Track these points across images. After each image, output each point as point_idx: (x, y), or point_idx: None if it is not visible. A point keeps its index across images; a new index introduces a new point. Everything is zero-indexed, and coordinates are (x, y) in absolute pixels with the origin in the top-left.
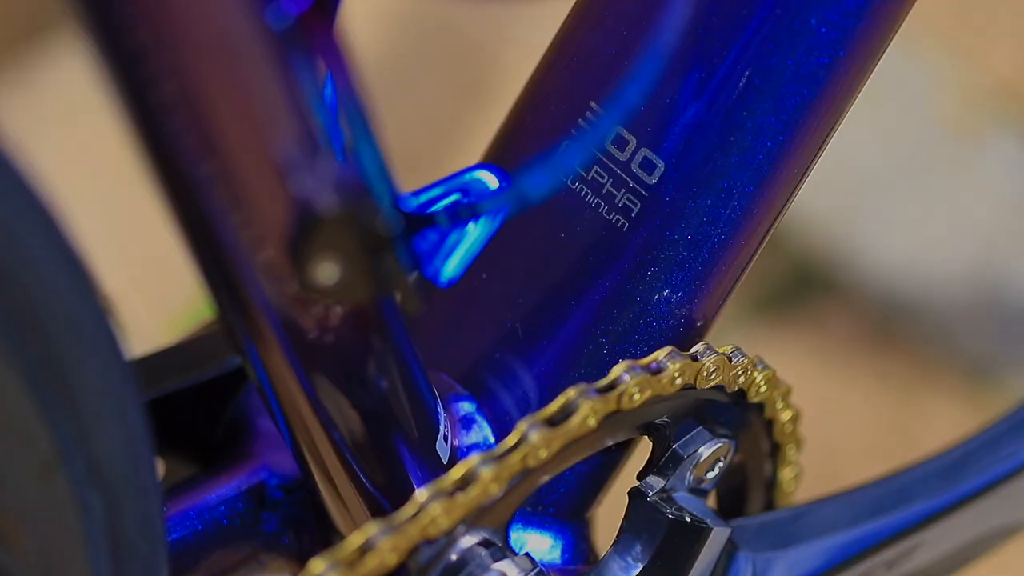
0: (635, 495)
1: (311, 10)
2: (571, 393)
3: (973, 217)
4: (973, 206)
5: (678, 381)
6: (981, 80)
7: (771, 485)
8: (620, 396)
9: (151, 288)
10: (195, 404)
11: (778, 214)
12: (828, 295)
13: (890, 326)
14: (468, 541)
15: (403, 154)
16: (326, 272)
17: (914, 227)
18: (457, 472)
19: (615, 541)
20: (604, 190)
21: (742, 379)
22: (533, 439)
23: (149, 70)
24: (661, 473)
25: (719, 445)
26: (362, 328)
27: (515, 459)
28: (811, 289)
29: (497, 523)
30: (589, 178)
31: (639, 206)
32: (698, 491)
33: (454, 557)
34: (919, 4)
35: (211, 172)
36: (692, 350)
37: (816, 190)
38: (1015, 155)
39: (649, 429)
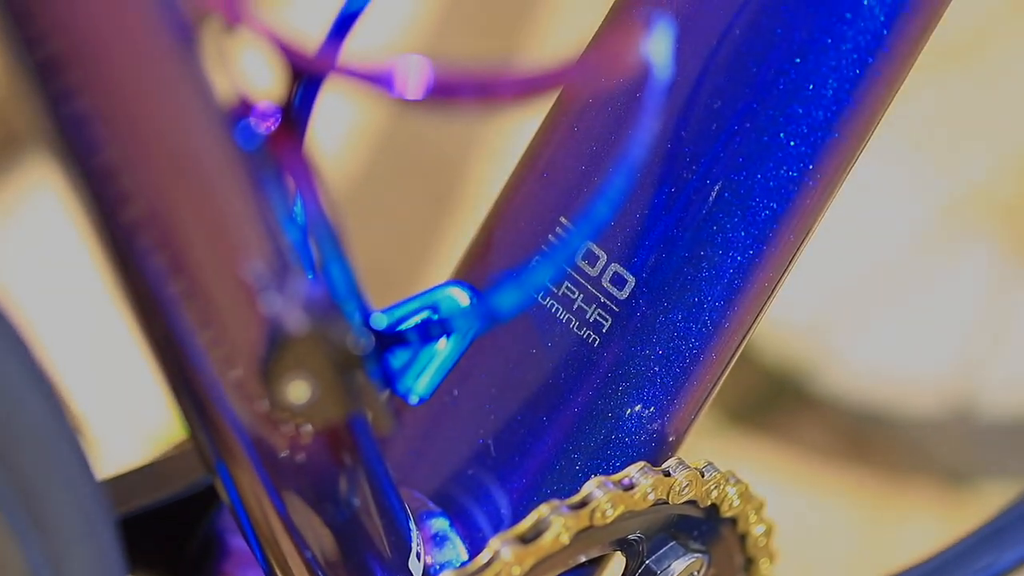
0: None
1: (280, 129)
2: (543, 510)
3: (946, 326)
4: (946, 315)
5: (650, 497)
6: (954, 189)
7: None
8: (592, 512)
9: (122, 407)
10: (167, 523)
11: (750, 327)
12: (801, 406)
13: (864, 436)
14: None
15: (374, 270)
16: (297, 391)
17: (887, 337)
18: None
19: None
20: (575, 305)
21: (715, 494)
22: (505, 556)
23: (118, 189)
24: None
25: (692, 560)
26: (333, 447)
27: None
28: (784, 400)
29: None
30: (560, 293)
31: (610, 321)
32: None
33: None
34: (891, 111)
35: (180, 291)
36: (664, 465)
37: (788, 300)
38: (988, 264)
39: (622, 544)
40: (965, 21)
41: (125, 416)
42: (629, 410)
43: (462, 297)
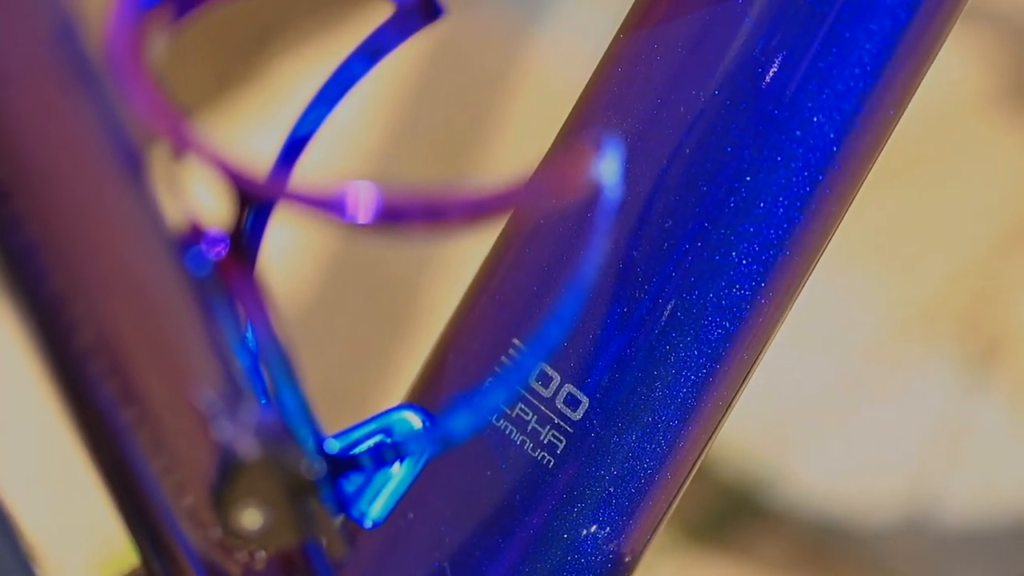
0: None
1: (230, 255)
2: None
3: (905, 438)
4: (904, 427)
5: None
6: (910, 300)
7: None
8: None
9: (75, 533)
10: None
11: (705, 445)
12: (760, 521)
13: (824, 550)
14: None
15: (326, 393)
16: (250, 518)
17: (844, 450)
18: None
19: None
20: (529, 427)
21: None
22: None
23: (67, 317)
24: None
25: None
26: (288, 573)
27: None
28: (742, 515)
29: None
30: (514, 415)
31: (564, 443)
32: None
33: None
34: (844, 224)
35: (131, 419)
36: None
37: (744, 416)
38: (943, 375)
39: None
40: (918, 131)
41: (78, 542)
42: (585, 531)
43: (415, 420)
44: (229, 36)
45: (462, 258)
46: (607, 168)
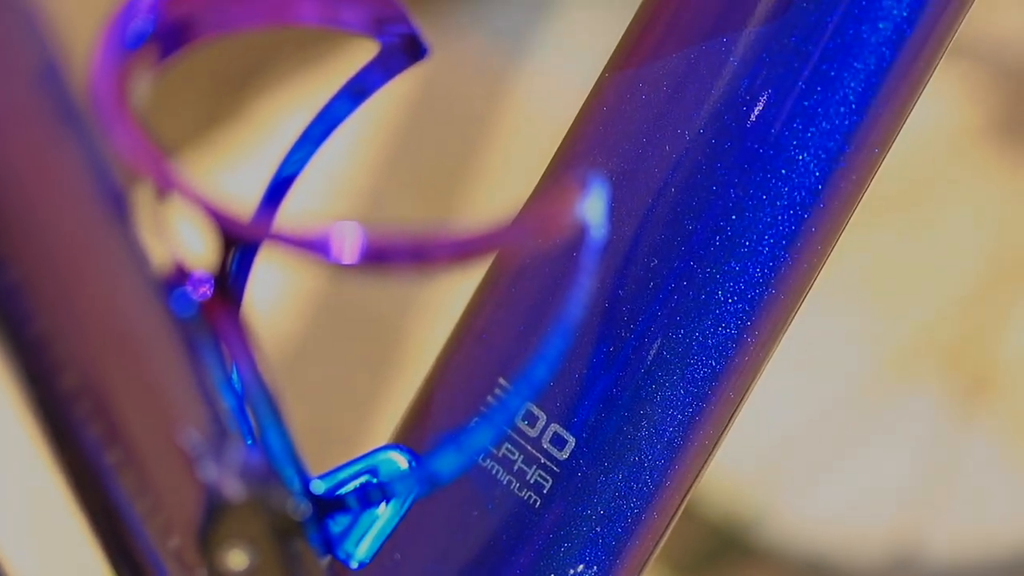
0: None
1: (215, 296)
2: None
3: (892, 475)
4: (892, 464)
5: None
6: (894, 338)
7: None
8: None
9: (61, 574)
10: None
11: (691, 484)
12: (747, 558)
13: None
14: None
15: (312, 434)
16: (235, 559)
17: (831, 488)
18: None
19: None
20: (515, 467)
21: None
22: None
23: (51, 359)
24: None
25: None
26: None
27: None
28: (730, 553)
29: None
30: (500, 455)
31: (551, 482)
32: None
33: None
34: (830, 261)
35: (116, 460)
36: None
37: (731, 454)
38: (931, 412)
39: None
40: (903, 169)
41: None
42: (572, 571)
43: (401, 461)
44: (214, 76)
45: (447, 298)
46: (593, 207)
